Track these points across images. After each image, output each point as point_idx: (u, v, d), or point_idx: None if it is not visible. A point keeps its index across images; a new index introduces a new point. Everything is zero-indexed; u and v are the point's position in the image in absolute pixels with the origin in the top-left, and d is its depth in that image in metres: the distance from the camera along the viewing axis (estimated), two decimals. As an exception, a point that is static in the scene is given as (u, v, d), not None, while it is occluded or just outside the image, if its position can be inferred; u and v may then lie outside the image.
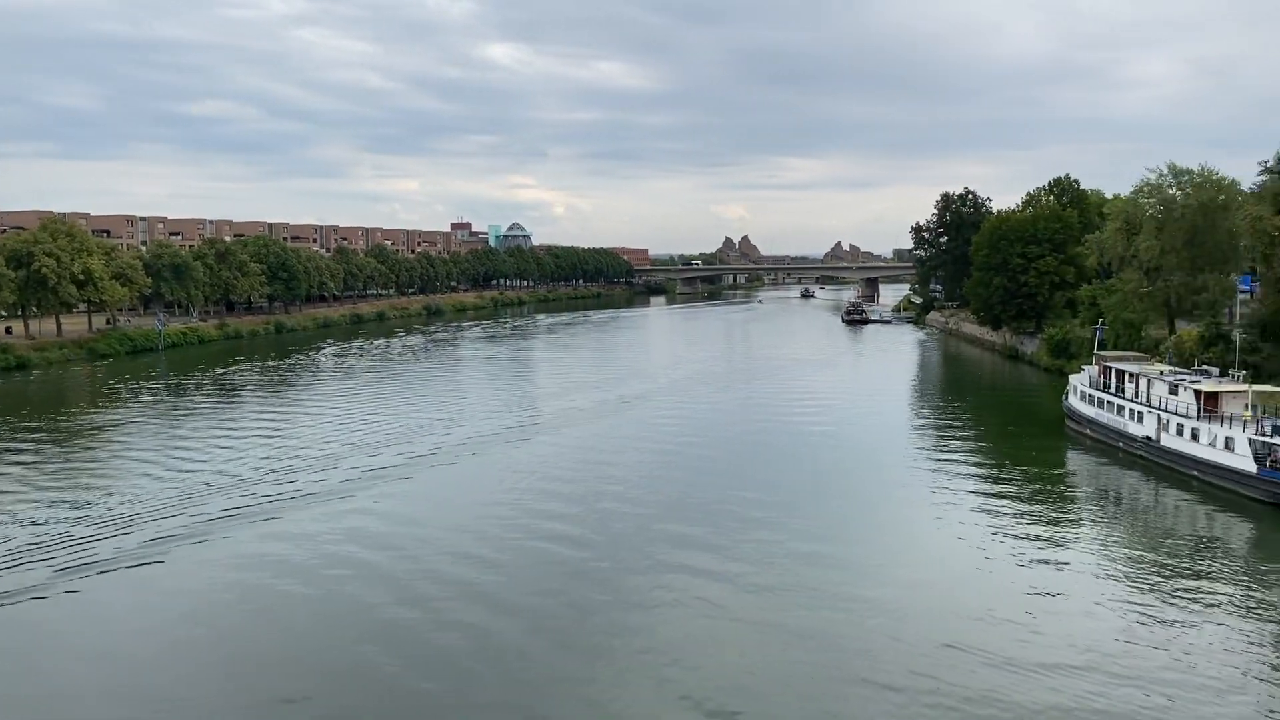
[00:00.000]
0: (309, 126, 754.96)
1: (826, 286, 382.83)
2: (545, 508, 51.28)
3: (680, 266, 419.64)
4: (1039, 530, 47.86)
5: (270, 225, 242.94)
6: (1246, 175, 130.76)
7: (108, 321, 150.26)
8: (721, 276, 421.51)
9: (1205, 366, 69.10)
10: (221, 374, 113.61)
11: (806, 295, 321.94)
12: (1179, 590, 39.01)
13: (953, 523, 48.91)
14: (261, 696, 30.77)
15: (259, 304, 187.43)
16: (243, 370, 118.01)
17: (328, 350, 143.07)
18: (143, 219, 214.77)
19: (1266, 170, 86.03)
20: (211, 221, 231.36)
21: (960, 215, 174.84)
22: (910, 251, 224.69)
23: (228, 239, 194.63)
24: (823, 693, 30.54)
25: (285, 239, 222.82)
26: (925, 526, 48.80)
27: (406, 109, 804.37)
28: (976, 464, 63.58)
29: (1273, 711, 29.09)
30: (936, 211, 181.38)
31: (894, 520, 50.65)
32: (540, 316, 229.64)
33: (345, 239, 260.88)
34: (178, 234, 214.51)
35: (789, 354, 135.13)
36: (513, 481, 57.37)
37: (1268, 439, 52.13)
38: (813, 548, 44.36)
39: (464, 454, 65.01)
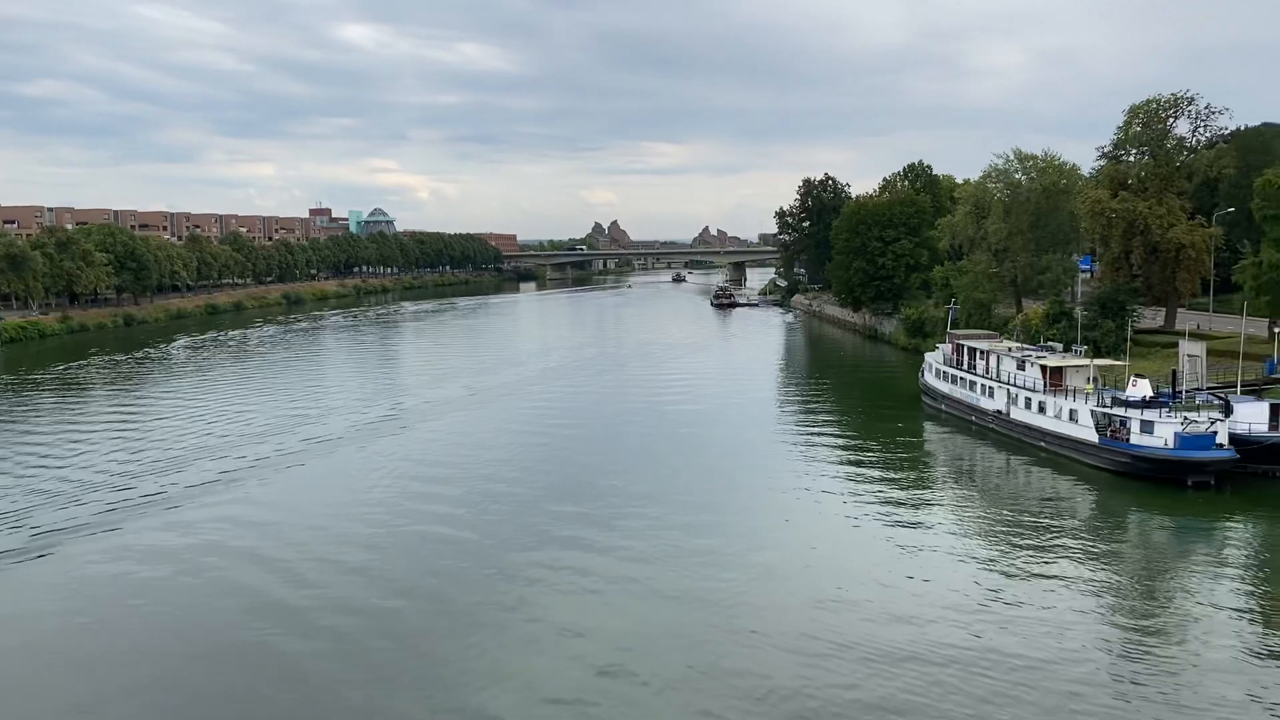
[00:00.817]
0: (156, 109, 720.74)
1: (695, 271, 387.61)
2: (426, 494, 50.84)
3: (550, 252, 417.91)
4: (899, 499, 49.98)
5: (116, 212, 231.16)
6: (1087, 160, 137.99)
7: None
8: (592, 262, 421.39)
9: (1050, 343, 72.85)
10: (67, 370, 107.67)
11: (678, 280, 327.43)
12: (1029, 549, 41.44)
13: (819, 494, 50.69)
14: (153, 687, 30.01)
15: (106, 296, 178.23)
16: (90, 366, 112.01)
17: (183, 343, 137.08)
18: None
19: (1104, 155, 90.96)
20: (51, 209, 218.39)
21: (821, 200, 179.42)
22: (775, 236, 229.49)
23: (69, 227, 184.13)
24: (704, 647, 32.16)
25: (133, 227, 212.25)
26: (794, 498, 50.29)
27: (261, 91, 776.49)
28: (840, 439, 65.65)
29: (1109, 641, 32.46)
30: (799, 197, 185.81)
31: (765, 493, 51.98)
32: (406, 304, 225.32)
33: (198, 226, 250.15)
34: (13, 222, 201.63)
35: (660, 338, 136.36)
36: (391, 471, 56.37)
37: (1108, 410, 55.36)
38: (689, 520, 45.50)
39: (337, 446, 63.36)
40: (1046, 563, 39.91)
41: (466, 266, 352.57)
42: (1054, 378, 62.29)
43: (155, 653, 32.78)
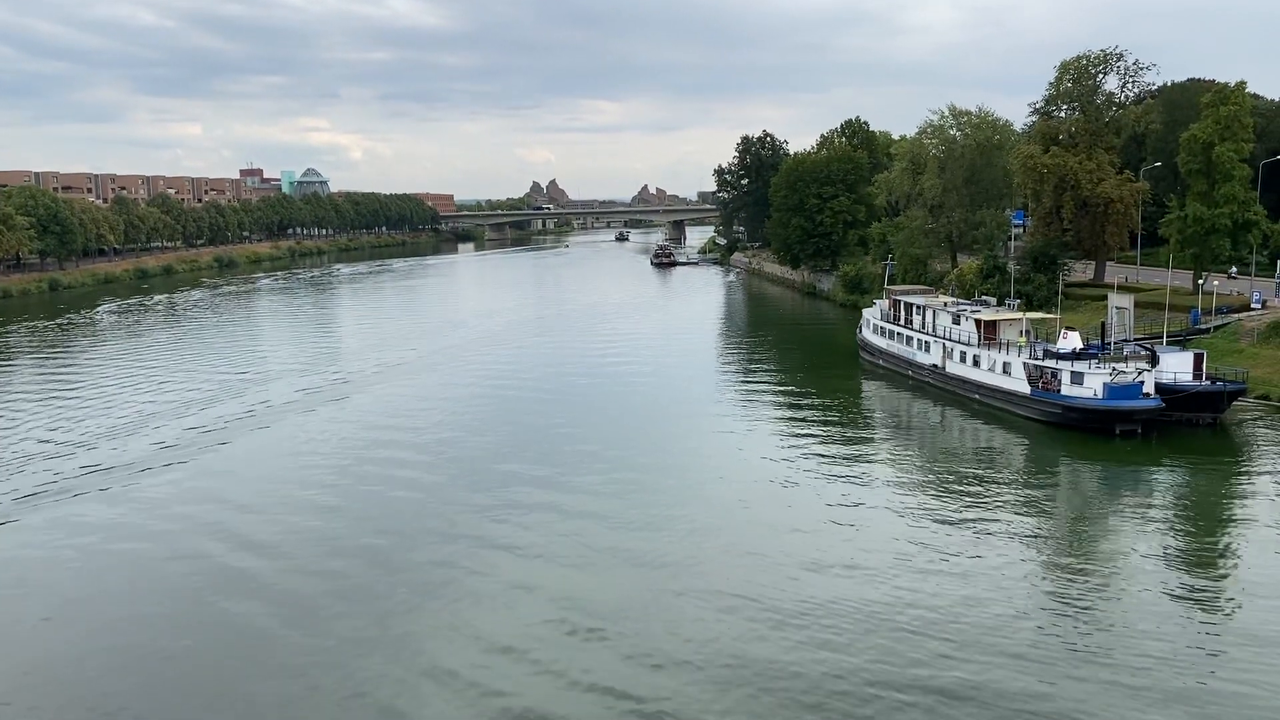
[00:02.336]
0: (75, 67, 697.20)
1: (635, 230, 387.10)
2: (379, 456, 50.72)
3: (488, 212, 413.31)
4: (837, 451, 50.81)
5: (37, 174, 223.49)
6: (1019, 116, 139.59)
7: None
8: (530, 222, 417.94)
9: (984, 297, 74.11)
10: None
11: (622, 238, 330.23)
12: (962, 498, 42.52)
13: (758, 447, 51.43)
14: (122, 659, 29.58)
15: (29, 260, 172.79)
16: (15, 333, 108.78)
17: (112, 308, 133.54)
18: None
19: (1036, 111, 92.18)
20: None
21: (760, 158, 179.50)
22: (714, 194, 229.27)
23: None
24: (649, 578, 34.02)
25: (55, 189, 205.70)
26: (733, 451, 51.02)
27: (184, 48, 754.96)
28: (780, 396, 66.34)
29: (1037, 581, 33.57)
30: (737, 154, 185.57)
31: (705, 447, 52.49)
32: (342, 266, 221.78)
33: (124, 188, 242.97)
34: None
35: (602, 299, 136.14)
36: (341, 434, 55.79)
37: (1039, 362, 56.58)
38: (633, 477, 45.95)
39: (283, 414, 62.08)
40: (979, 510, 40.93)
41: (403, 227, 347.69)
42: (988, 331, 63.43)
43: (115, 616, 32.55)
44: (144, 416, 60.65)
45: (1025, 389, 57.01)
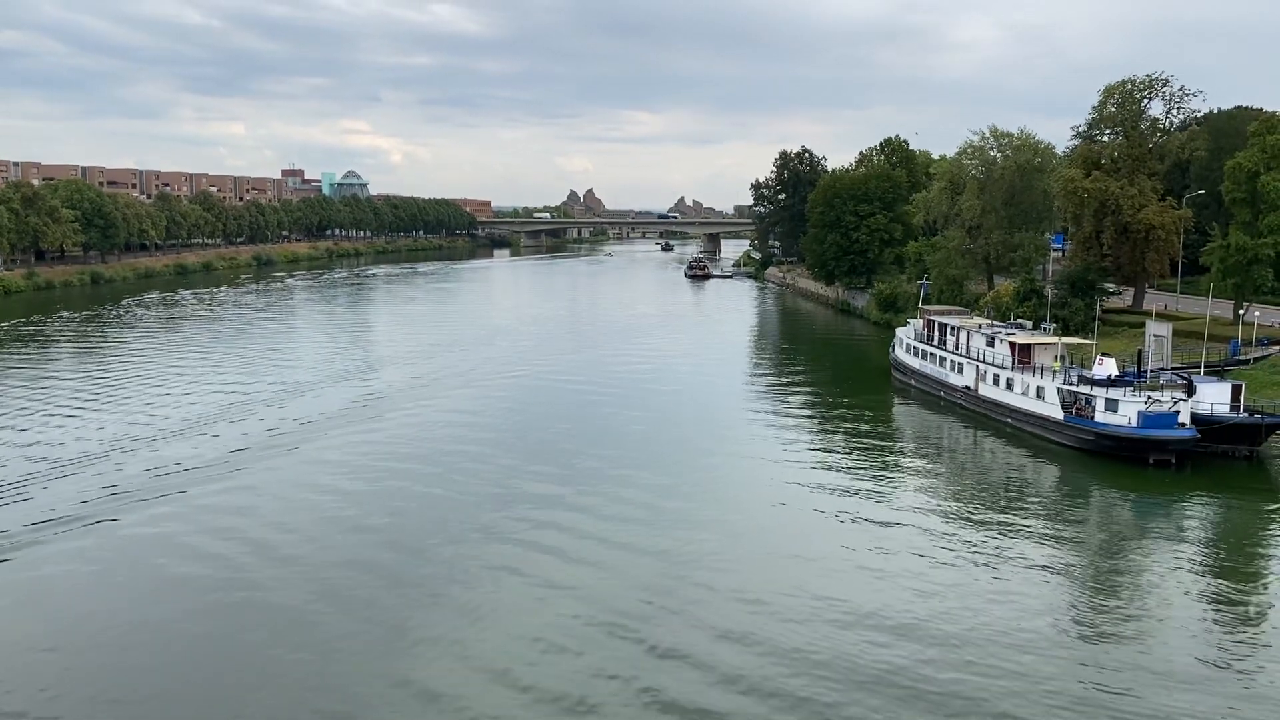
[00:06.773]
0: (121, 63, 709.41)
1: (671, 242, 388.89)
2: (417, 466, 50.30)
3: (525, 219, 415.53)
4: (865, 472, 50.36)
5: (84, 169, 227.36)
6: (1060, 138, 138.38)
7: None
8: (566, 230, 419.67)
9: (1020, 320, 73.36)
10: (30, 329, 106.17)
11: (666, 248, 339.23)
12: (990, 523, 42.01)
13: (786, 466, 51.03)
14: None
15: (73, 253, 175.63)
16: (53, 324, 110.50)
17: (152, 303, 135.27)
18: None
19: (1078, 134, 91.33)
20: (16, 163, 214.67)
21: (798, 173, 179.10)
22: (750, 208, 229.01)
23: (35, 182, 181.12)
24: (669, 595, 33.98)
25: (101, 184, 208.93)
26: (760, 469, 50.60)
27: (229, 48, 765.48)
28: (809, 415, 66.03)
29: (1064, 610, 33.24)
30: (775, 169, 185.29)
31: (732, 463, 52.28)
32: (379, 269, 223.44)
33: (167, 185, 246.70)
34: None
35: (636, 310, 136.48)
36: (386, 442, 55.07)
37: (1074, 388, 55.90)
38: (657, 493, 45.62)
39: (330, 422, 61.82)
40: (1007, 536, 40.42)
41: (440, 232, 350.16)
42: (1022, 355, 62.79)
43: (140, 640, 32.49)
44: (191, 421, 60.18)
45: (1058, 414, 56.34)
